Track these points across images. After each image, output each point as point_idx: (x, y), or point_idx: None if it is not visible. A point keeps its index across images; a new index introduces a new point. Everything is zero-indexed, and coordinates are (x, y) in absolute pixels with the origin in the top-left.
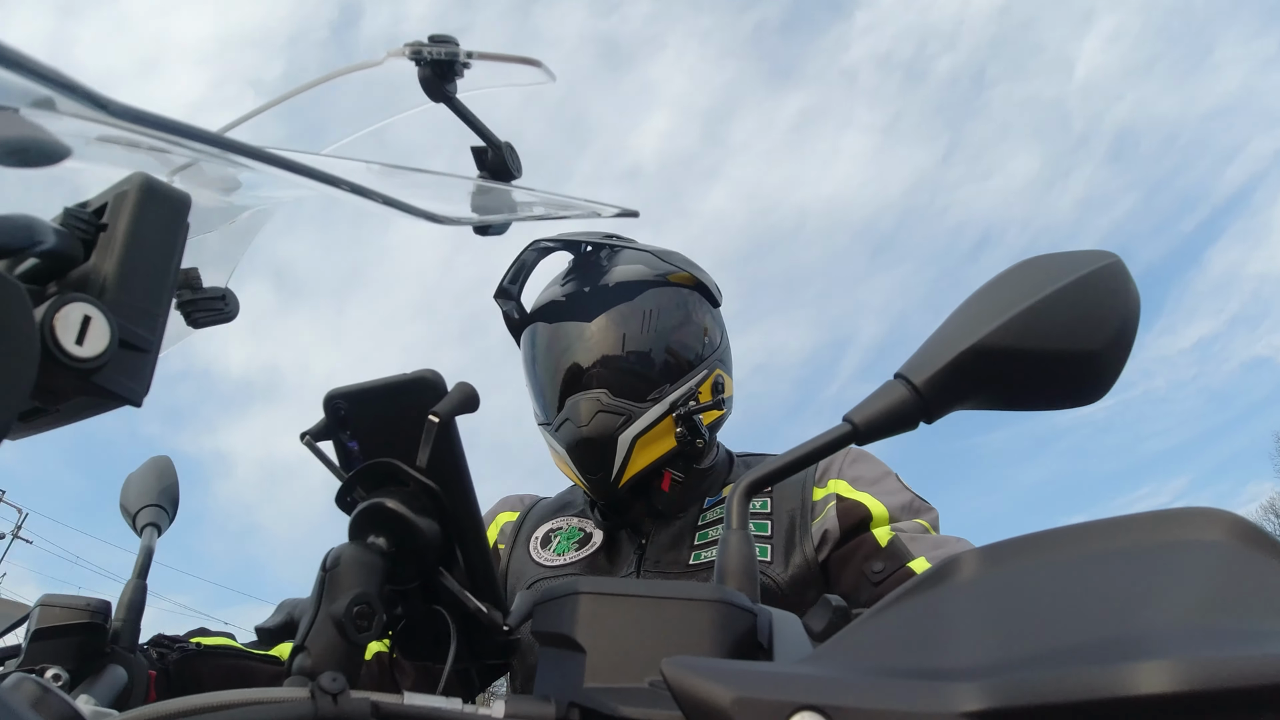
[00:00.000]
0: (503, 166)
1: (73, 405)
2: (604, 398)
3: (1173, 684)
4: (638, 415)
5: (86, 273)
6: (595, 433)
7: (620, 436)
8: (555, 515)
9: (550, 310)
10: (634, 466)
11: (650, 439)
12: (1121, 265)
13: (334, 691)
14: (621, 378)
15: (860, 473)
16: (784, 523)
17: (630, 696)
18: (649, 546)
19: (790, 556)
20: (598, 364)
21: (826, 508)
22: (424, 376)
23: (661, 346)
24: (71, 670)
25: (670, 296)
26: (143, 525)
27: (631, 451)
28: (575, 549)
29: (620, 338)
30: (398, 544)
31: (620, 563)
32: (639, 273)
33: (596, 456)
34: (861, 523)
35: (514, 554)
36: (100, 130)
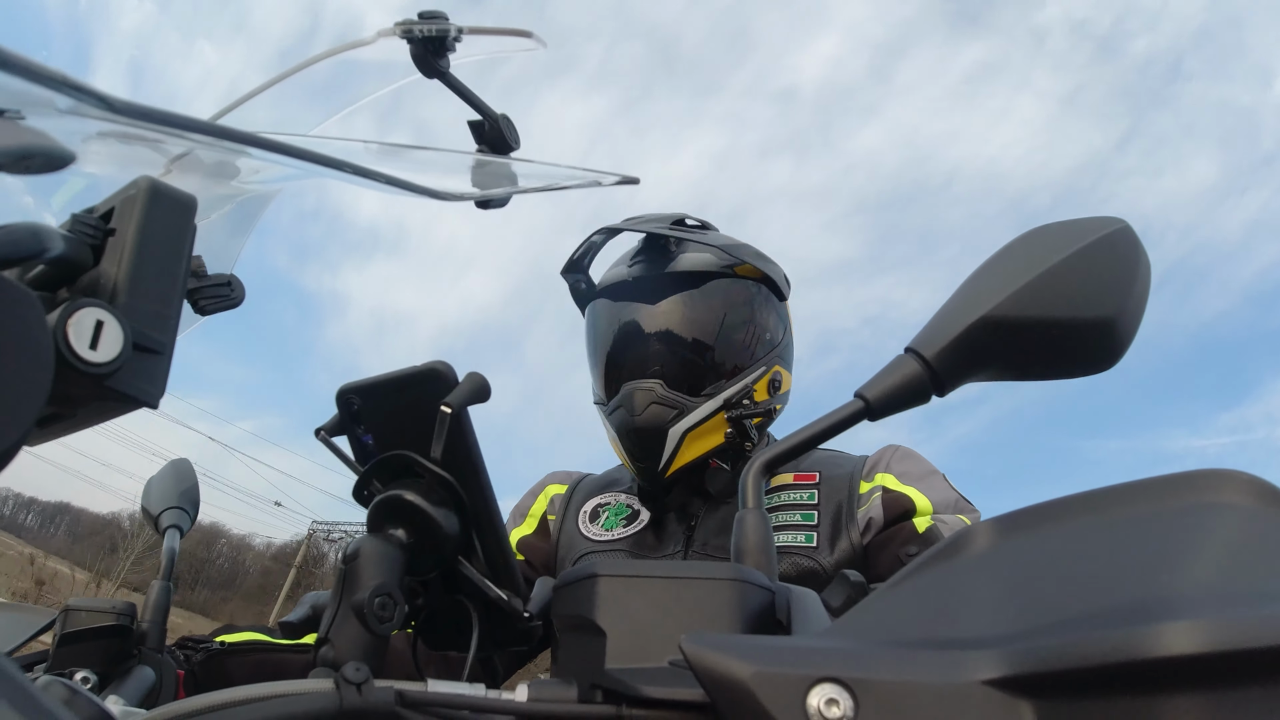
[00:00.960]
0: (501, 139)
1: (89, 410)
2: (659, 389)
3: (1200, 645)
4: (690, 409)
5: (96, 278)
6: (647, 423)
7: (671, 429)
8: (603, 490)
9: (616, 289)
10: (681, 459)
11: (700, 433)
12: (1130, 231)
13: (358, 681)
14: (678, 369)
15: (908, 469)
16: (830, 512)
17: (651, 676)
18: (698, 529)
19: (836, 543)
20: (656, 353)
21: (873, 498)
22: (434, 368)
23: (721, 341)
24: (100, 673)
25: (735, 290)
26: (165, 527)
27: (681, 444)
28: (623, 525)
29: (681, 329)
30: (416, 535)
31: (667, 542)
32: (706, 263)
33: (646, 446)
34: (905, 513)
35: (564, 527)
36: (99, 127)
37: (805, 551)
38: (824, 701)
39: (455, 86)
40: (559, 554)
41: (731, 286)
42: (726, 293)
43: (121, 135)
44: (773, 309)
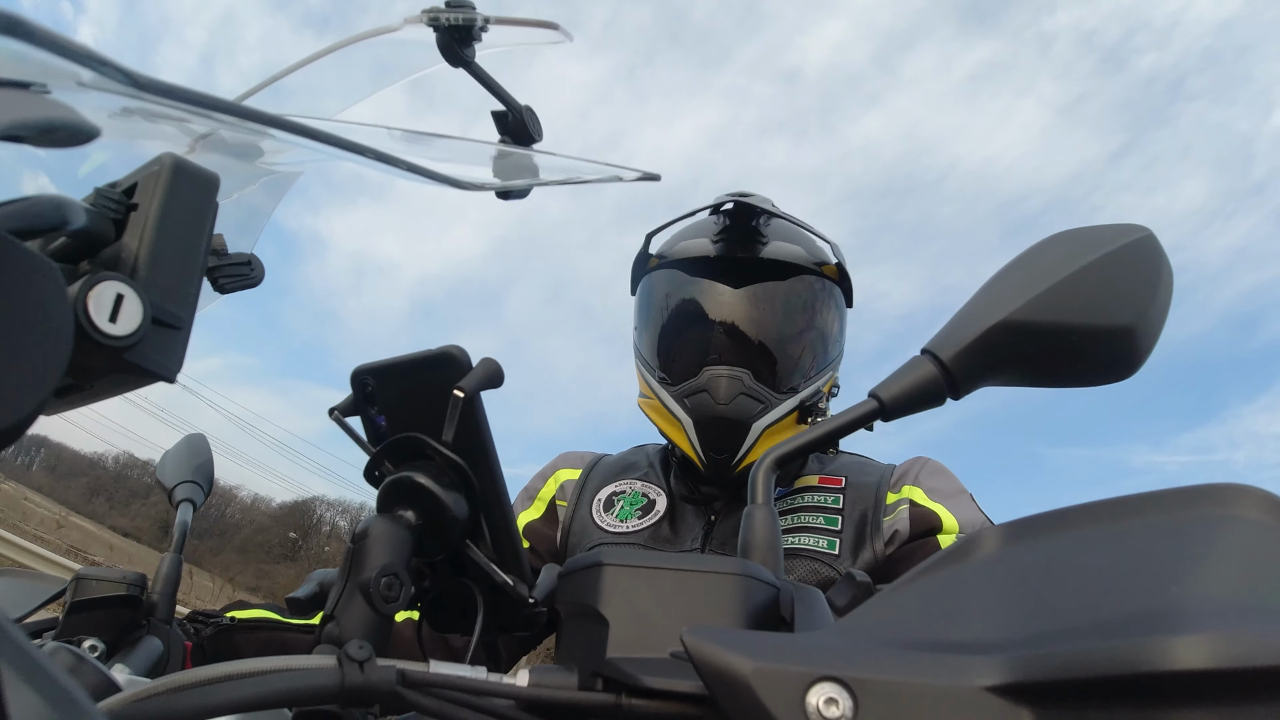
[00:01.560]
0: (523, 130)
1: (107, 382)
2: (746, 379)
3: (1207, 660)
4: (774, 405)
5: (118, 252)
6: (734, 414)
7: (755, 423)
8: (619, 477)
9: (698, 264)
10: (755, 454)
11: (776, 430)
12: (1154, 239)
13: (361, 659)
14: (765, 362)
15: (937, 485)
16: (855, 519)
17: (652, 666)
18: (718, 525)
19: (859, 553)
20: (743, 341)
21: (899, 509)
22: (449, 352)
23: (806, 339)
24: (108, 642)
25: (821, 289)
26: (178, 501)
27: (759, 439)
28: (639, 515)
29: (770, 321)
30: (425, 517)
31: (685, 535)
32: (795, 254)
33: (728, 437)
34: (931, 530)
35: (576, 514)
36: (123, 103)
37: (826, 559)
38: (823, 700)
39: (480, 76)
40: (570, 542)
41: (818, 285)
42: (812, 290)
43: (146, 113)
44: (843, 314)
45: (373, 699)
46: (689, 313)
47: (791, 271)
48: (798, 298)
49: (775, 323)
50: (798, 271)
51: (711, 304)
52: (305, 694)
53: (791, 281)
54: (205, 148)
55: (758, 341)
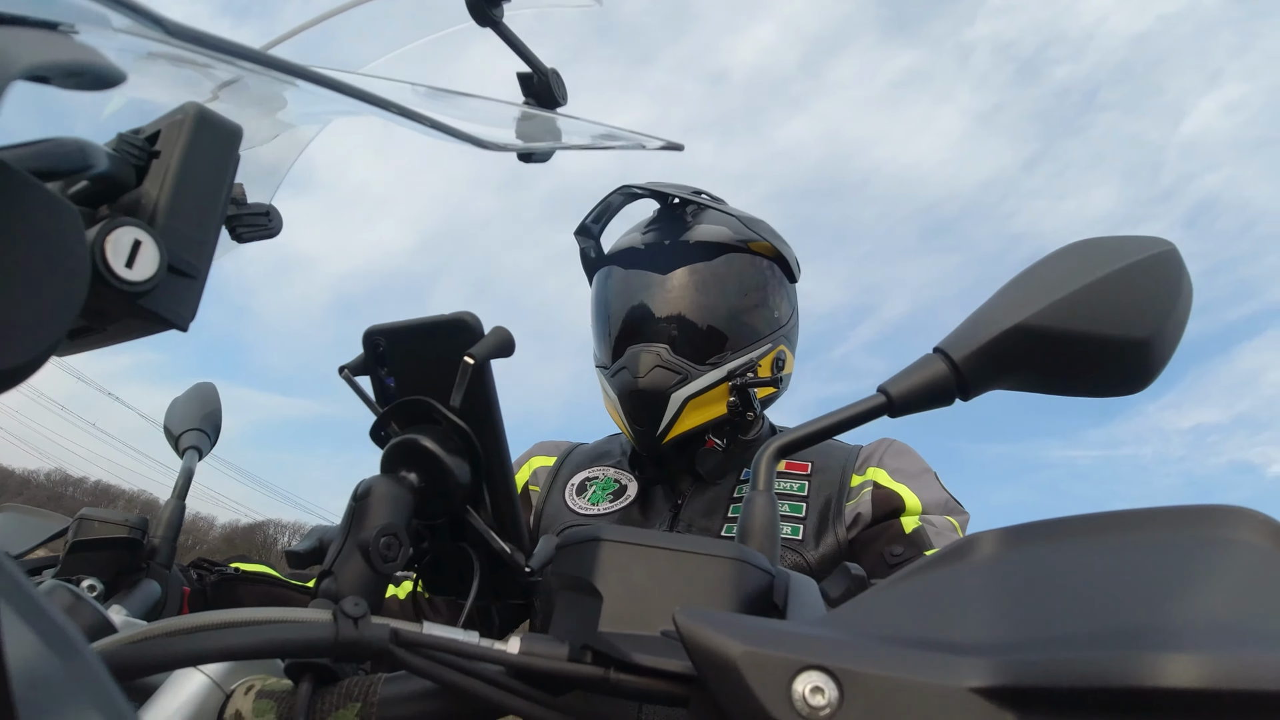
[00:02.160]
0: (548, 93)
1: (120, 327)
2: (664, 353)
3: (1195, 679)
4: (694, 377)
5: (137, 198)
6: (650, 386)
7: (674, 394)
8: (592, 464)
9: (626, 256)
10: (681, 426)
11: (702, 402)
12: (1176, 254)
13: (356, 616)
14: (684, 337)
15: (901, 465)
16: (819, 505)
17: (642, 644)
18: (684, 508)
19: (822, 537)
20: (663, 319)
21: (862, 492)
22: (462, 318)
23: (730, 313)
24: (107, 582)
25: (748, 265)
26: (185, 448)
27: (682, 411)
28: (610, 499)
29: (690, 297)
30: (428, 480)
31: (653, 519)
32: (721, 234)
33: (647, 409)
34: (894, 510)
35: (549, 498)
36: (150, 48)
37: (790, 544)
38: (809, 689)
39: (507, 36)
40: (542, 525)
41: (745, 261)
42: (740, 266)
43: (173, 58)
44: (783, 288)
45: (365, 655)
46: (619, 301)
47: (717, 251)
48: (721, 274)
49: (696, 298)
50: (723, 250)
51: (638, 289)
52: (299, 646)
53: (717, 260)
54: (229, 97)
55: (678, 317)
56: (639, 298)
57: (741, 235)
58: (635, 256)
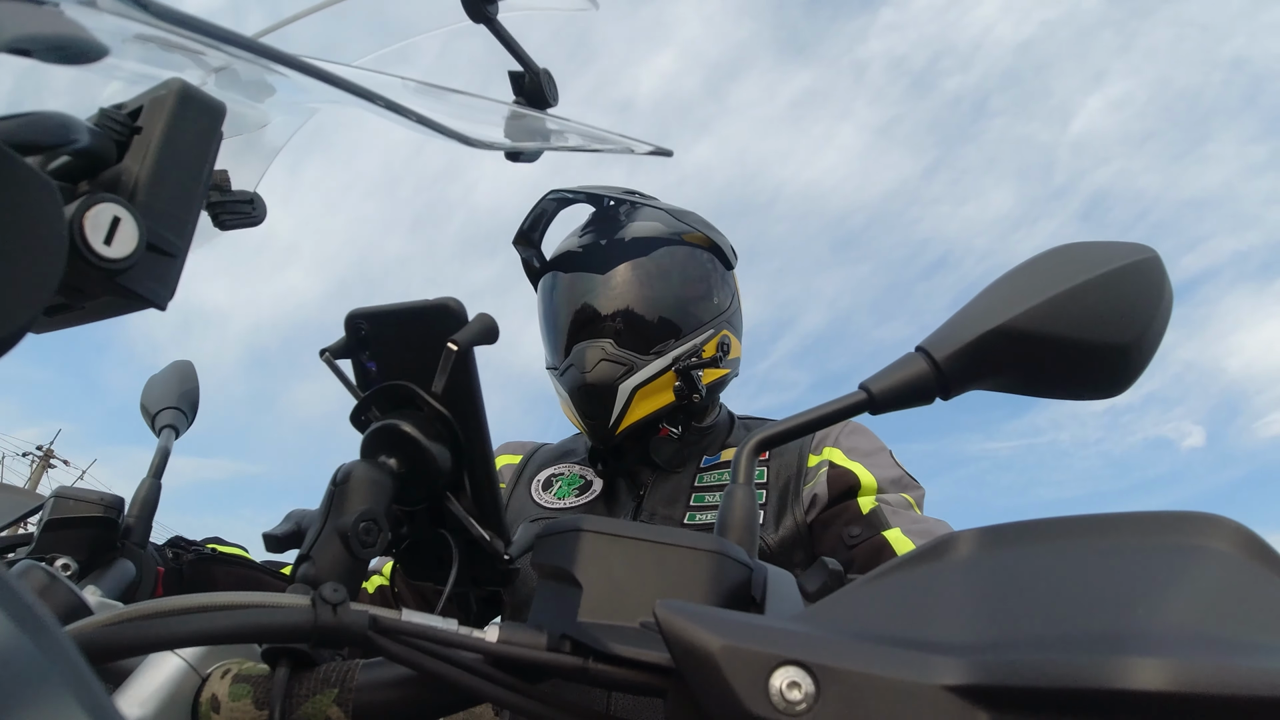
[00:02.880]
0: (539, 93)
1: (97, 304)
2: (609, 347)
3: (1165, 683)
4: (640, 366)
5: (118, 174)
6: (597, 379)
7: (621, 385)
8: (558, 461)
9: (566, 260)
10: (632, 415)
11: (650, 391)
12: (1158, 260)
13: (334, 601)
14: (628, 329)
15: (856, 444)
16: (778, 487)
17: (621, 635)
18: (646, 499)
19: (781, 519)
20: (606, 315)
21: (819, 473)
22: (446, 304)
23: (670, 303)
24: (81, 562)
25: (683, 255)
26: (161, 426)
27: (631, 401)
28: (575, 494)
29: (630, 291)
30: (408, 466)
31: (617, 511)
32: (655, 230)
33: (596, 403)
34: (850, 490)
35: (515, 494)
36: (137, 29)
37: None
38: (786, 683)
39: (500, 34)
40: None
41: (681, 252)
42: (675, 257)
43: (160, 41)
44: (720, 275)
45: (343, 641)
46: (562, 303)
47: (652, 245)
48: (658, 266)
49: (636, 291)
50: (659, 245)
51: (579, 291)
52: (277, 631)
53: (653, 255)
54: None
55: (619, 312)
56: (581, 298)
57: (675, 228)
58: (574, 259)
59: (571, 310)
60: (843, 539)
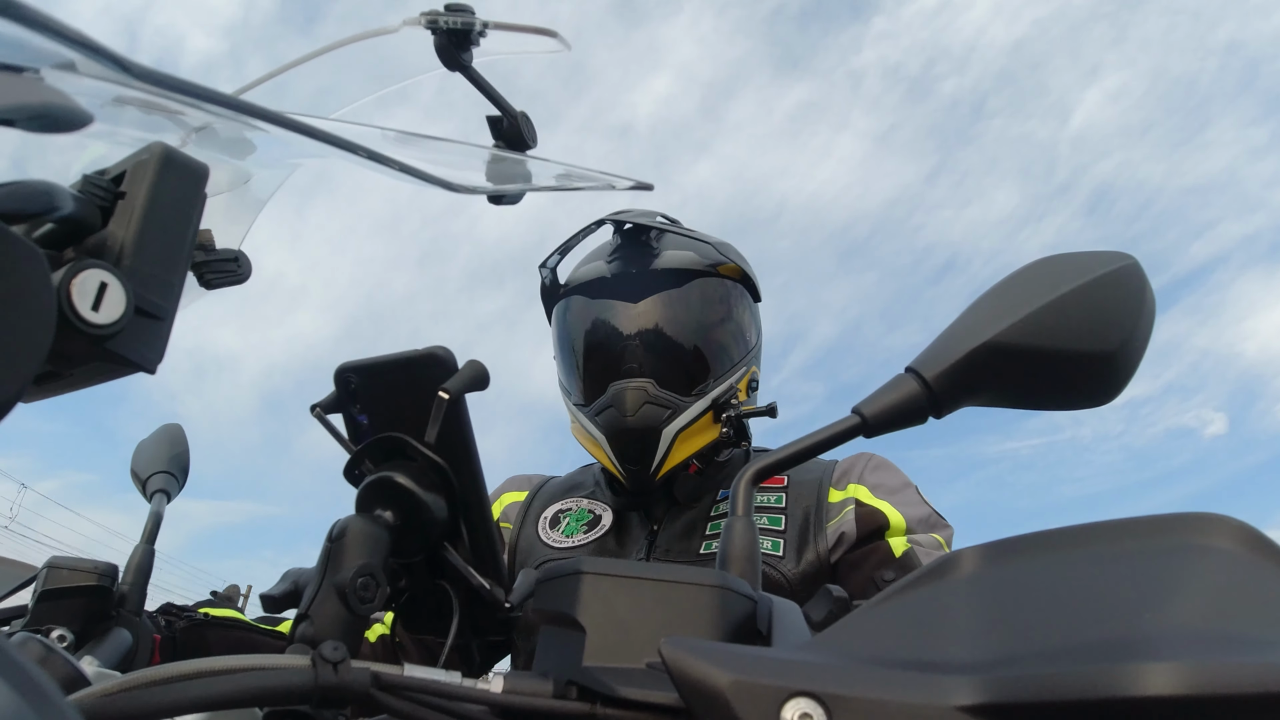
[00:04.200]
0: (518, 136)
1: (86, 370)
2: (650, 388)
3: (1176, 687)
4: (683, 409)
5: (103, 240)
6: (641, 424)
7: (665, 430)
8: (565, 496)
9: (595, 286)
10: (672, 460)
11: (690, 433)
12: (1138, 267)
13: (335, 660)
14: (668, 368)
15: (881, 480)
16: (798, 519)
17: (628, 676)
18: (660, 534)
19: (803, 553)
20: (645, 352)
21: (844, 510)
22: (435, 353)
23: (709, 340)
24: (77, 632)
25: (719, 289)
26: (153, 491)
27: (673, 445)
28: (584, 531)
29: (667, 327)
30: (404, 518)
31: (630, 546)
32: (689, 260)
33: (638, 448)
34: (879, 530)
35: (522, 533)
36: (118, 91)
37: (771, 560)
38: (798, 716)
39: (476, 81)
40: (517, 560)
41: (715, 285)
42: (711, 291)
43: (141, 103)
44: (751, 309)
45: (346, 700)
46: (593, 334)
47: (687, 278)
48: (695, 301)
49: (675, 329)
50: (693, 276)
51: (611, 321)
52: (278, 693)
53: (688, 287)
54: (199, 141)
55: (659, 349)
56: (613, 329)
57: (710, 259)
58: (603, 286)
59: (602, 341)
60: (875, 582)
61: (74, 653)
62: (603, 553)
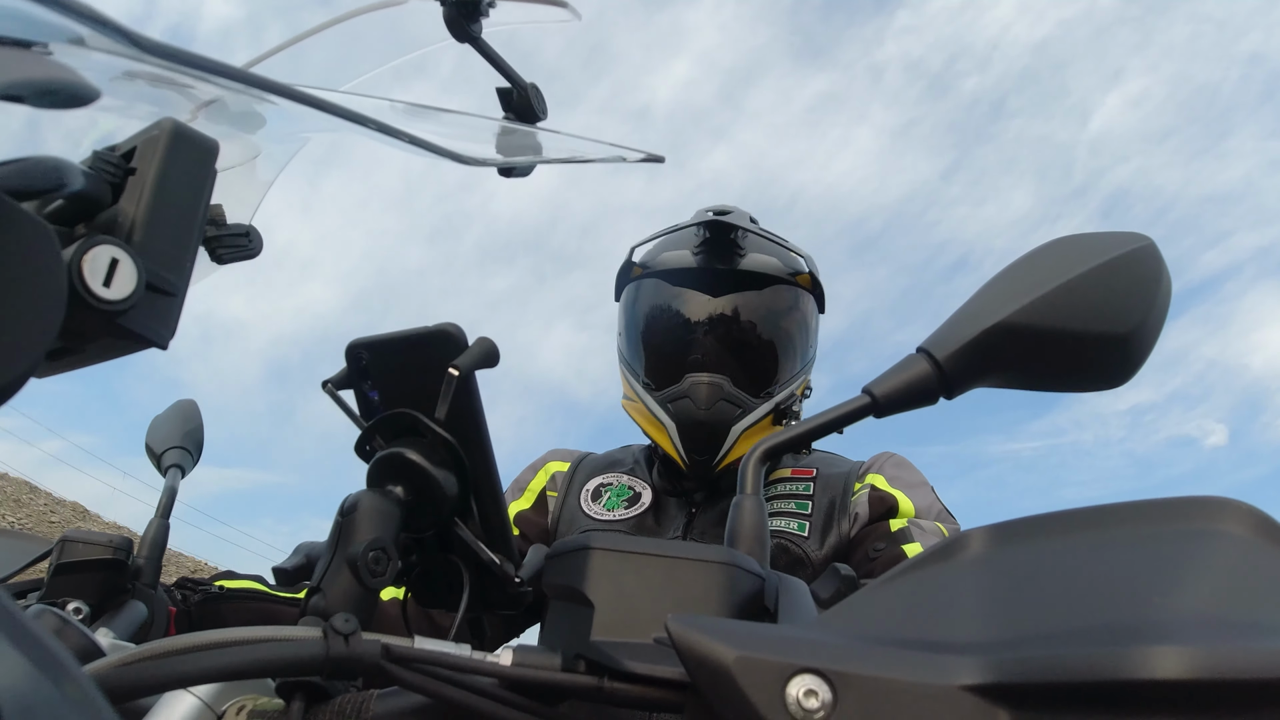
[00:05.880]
0: (528, 108)
1: (99, 346)
2: (726, 385)
3: (1183, 671)
4: (751, 409)
5: (114, 216)
6: (713, 419)
7: (734, 426)
8: (606, 470)
9: (679, 275)
10: (734, 454)
11: (753, 433)
12: (1155, 249)
13: (346, 632)
14: (741, 367)
15: (899, 474)
16: (824, 506)
17: (635, 651)
18: (698, 517)
19: (827, 536)
20: (721, 347)
21: (862, 493)
22: (445, 330)
23: (780, 345)
24: (92, 605)
25: (796, 298)
26: (167, 466)
27: (737, 441)
28: (625, 506)
29: (748, 328)
30: (415, 493)
31: (668, 526)
32: (772, 265)
33: (705, 440)
34: (888, 512)
35: (565, 503)
36: (126, 65)
37: (795, 540)
38: (803, 692)
39: (486, 52)
40: (559, 529)
41: (791, 293)
42: (787, 298)
43: (150, 77)
44: (816, 320)
45: (357, 672)
46: (671, 321)
47: (767, 282)
48: (774, 307)
49: (753, 331)
50: (773, 282)
51: (692, 312)
52: (290, 664)
53: (768, 291)
54: (208, 115)
55: (736, 348)
56: (693, 320)
57: (792, 267)
58: (689, 276)
59: (682, 332)
60: (867, 553)
61: (89, 625)
62: (642, 529)
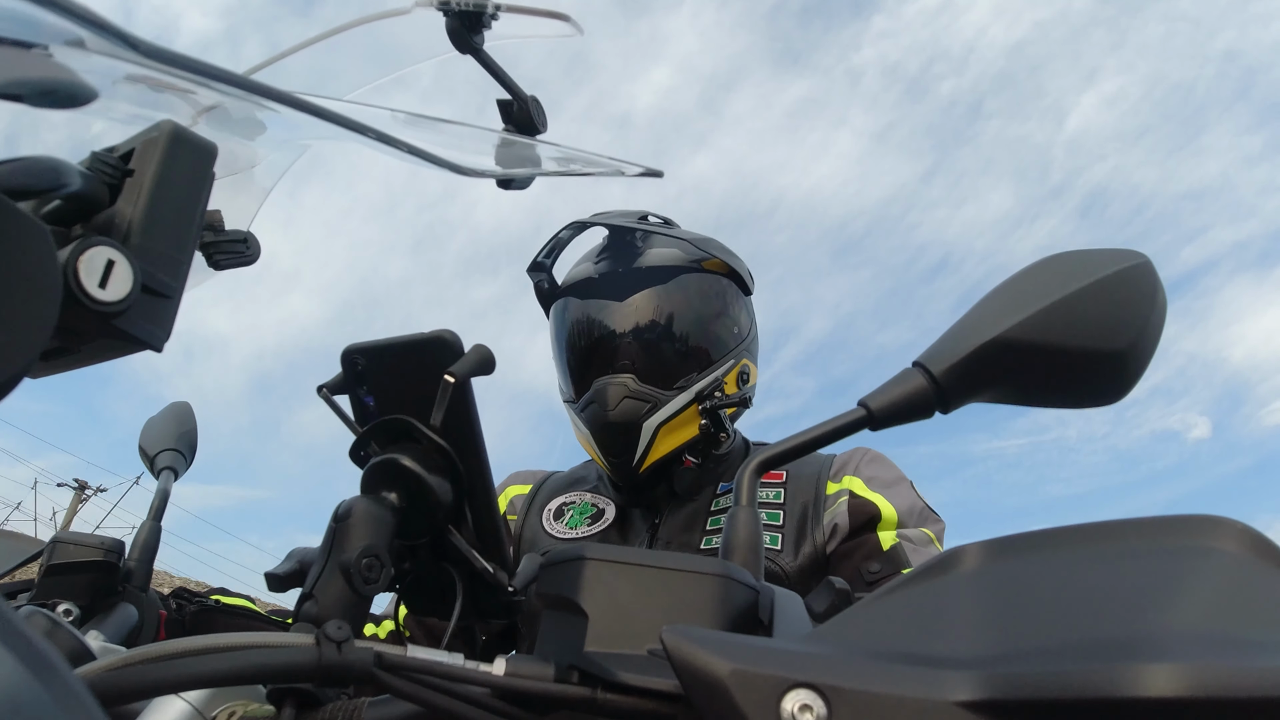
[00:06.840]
0: (528, 120)
1: (93, 347)
2: (631, 383)
3: (1176, 688)
4: (663, 403)
5: (111, 217)
6: (621, 418)
7: (645, 423)
8: (568, 489)
9: (582, 287)
10: (656, 453)
11: (673, 427)
12: (1150, 266)
13: (339, 639)
14: (649, 363)
15: (876, 473)
16: (796, 514)
17: (629, 663)
18: (661, 527)
19: (800, 546)
20: (627, 347)
21: (839, 501)
22: (442, 336)
23: (691, 334)
24: (83, 607)
25: (703, 283)
26: (160, 468)
27: (655, 438)
28: (588, 524)
29: (651, 322)
30: (409, 500)
31: (632, 540)
32: (673, 257)
33: (620, 441)
34: (870, 521)
35: (527, 523)
36: (127, 70)
37: (769, 554)
38: (798, 706)
39: (488, 64)
40: (521, 550)
41: (700, 280)
42: (695, 286)
43: (151, 81)
44: (740, 302)
45: (349, 679)
46: (579, 332)
47: (671, 274)
48: (677, 297)
49: (656, 324)
50: (677, 273)
51: (596, 319)
52: (282, 671)
53: (672, 283)
54: (209, 121)
55: (640, 344)
56: (598, 327)
57: (694, 255)
58: (590, 286)
59: (588, 340)
60: (861, 574)
61: (80, 627)
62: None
